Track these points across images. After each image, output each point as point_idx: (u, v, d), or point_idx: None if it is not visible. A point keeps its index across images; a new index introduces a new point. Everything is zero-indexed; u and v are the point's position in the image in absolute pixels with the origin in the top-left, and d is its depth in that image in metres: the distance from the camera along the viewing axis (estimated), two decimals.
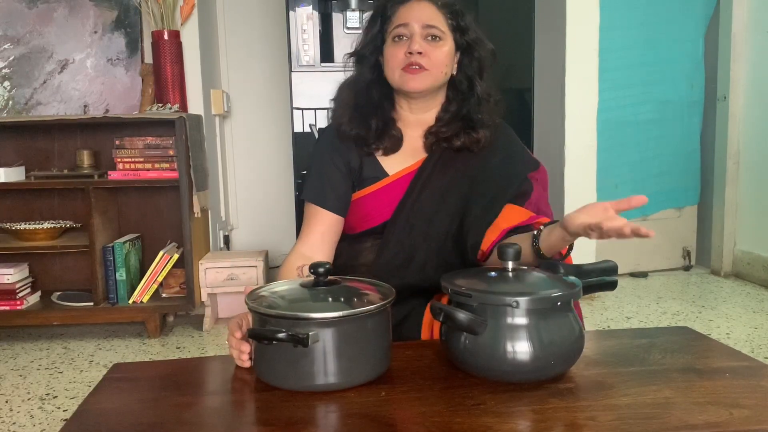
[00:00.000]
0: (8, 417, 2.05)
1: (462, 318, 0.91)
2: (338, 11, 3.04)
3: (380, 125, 1.35)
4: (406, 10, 1.32)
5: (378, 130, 1.35)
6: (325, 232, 1.35)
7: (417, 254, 1.31)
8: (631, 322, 2.87)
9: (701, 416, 0.83)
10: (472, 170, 1.35)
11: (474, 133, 1.34)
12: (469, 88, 1.37)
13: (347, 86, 1.40)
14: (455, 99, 1.38)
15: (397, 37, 1.31)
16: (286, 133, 3.39)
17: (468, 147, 1.35)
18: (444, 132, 1.35)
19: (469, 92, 1.37)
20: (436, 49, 1.30)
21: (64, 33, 2.99)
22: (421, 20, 1.30)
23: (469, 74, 1.36)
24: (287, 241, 3.64)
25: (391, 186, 1.35)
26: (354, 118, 1.36)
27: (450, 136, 1.35)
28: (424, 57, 1.29)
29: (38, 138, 2.96)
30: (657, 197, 3.67)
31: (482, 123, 1.35)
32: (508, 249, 0.99)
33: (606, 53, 3.24)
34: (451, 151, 1.36)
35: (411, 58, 1.29)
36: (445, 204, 1.32)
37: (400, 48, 1.30)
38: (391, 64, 1.32)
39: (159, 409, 0.89)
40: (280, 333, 0.88)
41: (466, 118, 1.36)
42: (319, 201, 1.35)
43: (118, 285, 2.78)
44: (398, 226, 1.33)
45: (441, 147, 1.36)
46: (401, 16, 1.32)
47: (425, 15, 1.31)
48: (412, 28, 1.30)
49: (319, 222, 1.35)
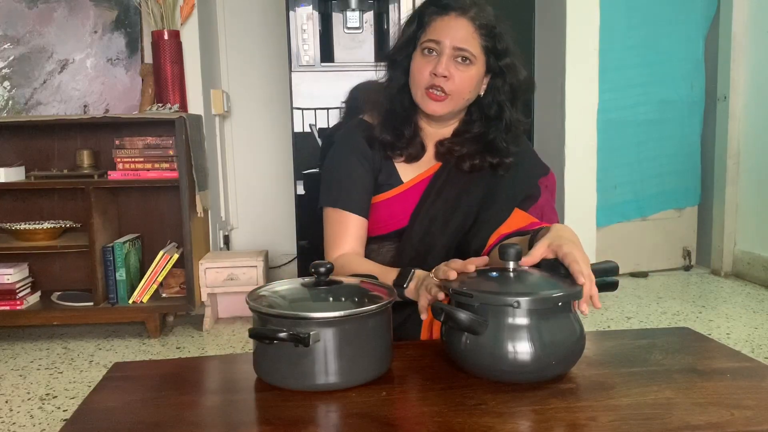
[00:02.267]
0: (8, 417, 2.05)
1: (463, 318, 0.91)
2: (338, 11, 3.04)
3: (410, 133, 1.34)
4: (441, 25, 1.27)
5: (409, 138, 1.34)
6: (362, 236, 1.33)
7: (429, 258, 1.31)
8: (632, 322, 2.87)
9: (702, 417, 0.83)
10: (485, 178, 1.34)
11: (491, 158, 1.32)
12: (497, 114, 1.33)
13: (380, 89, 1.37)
14: (479, 120, 1.35)
15: (427, 50, 1.28)
16: (286, 133, 3.39)
17: (477, 170, 1.33)
18: (457, 150, 1.33)
19: (496, 118, 1.33)
20: (463, 73, 1.27)
21: (64, 33, 2.99)
22: (454, 40, 1.25)
23: (498, 100, 1.32)
24: (287, 242, 3.64)
25: (405, 194, 1.35)
26: (387, 124, 1.34)
27: (463, 156, 1.33)
28: (449, 81, 1.26)
29: (38, 138, 2.96)
30: (657, 198, 3.67)
31: (507, 153, 1.33)
32: (509, 249, 0.98)
33: (606, 53, 3.24)
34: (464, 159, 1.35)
35: (435, 79, 1.26)
36: (459, 210, 1.32)
37: (427, 64, 1.27)
38: (416, 79, 1.29)
39: (159, 409, 0.89)
40: (282, 332, 0.88)
41: (489, 144, 1.33)
42: (349, 206, 1.32)
43: (118, 285, 2.78)
44: (414, 235, 1.32)
45: (455, 157, 1.35)
46: (436, 29, 1.27)
47: (459, 35, 1.26)
48: (443, 46, 1.26)
49: (351, 226, 1.32)
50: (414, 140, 1.34)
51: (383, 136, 1.33)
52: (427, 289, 1.07)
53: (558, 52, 3.19)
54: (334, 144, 1.41)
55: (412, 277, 1.15)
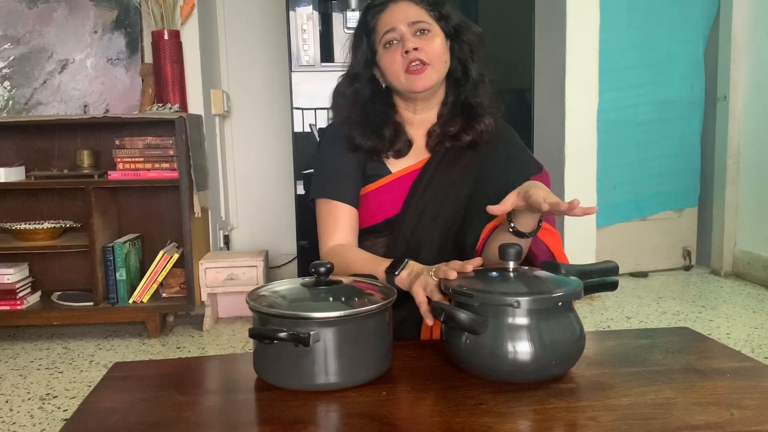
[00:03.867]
0: (8, 417, 2.05)
1: (463, 318, 0.91)
2: (338, 11, 3.04)
3: (392, 133, 1.35)
4: (388, 15, 1.33)
5: (391, 138, 1.35)
6: (354, 226, 1.35)
7: (422, 252, 1.31)
8: (632, 322, 2.87)
9: (702, 417, 0.83)
10: (475, 169, 1.35)
11: (477, 124, 1.35)
12: (463, 74, 1.37)
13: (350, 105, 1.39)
14: (452, 89, 1.39)
15: (388, 44, 1.32)
16: (286, 133, 3.38)
17: (476, 141, 1.35)
18: (451, 130, 1.35)
19: (464, 78, 1.37)
20: (430, 41, 1.31)
21: (64, 33, 2.99)
22: (405, 19, 1.31)
23: (461, 59, 1.36)
24: (287, 241, 3.64)
25: (394, 183, 1.36)
26: (366, 131, 1.35)
27: (457, 132, 1.35)
28: (421, 52, 1.29)
29: (38, 138, 2.96)
30: (656, 199, 3.67)
31: (482, 108, 1.36)
32: (509, 249, 0.99)
33: (606, 54, 3.24)
34: (454, 151, 1.36)
35: (409, 56, 1.29)
36: (448, 203, 1.33)
37: (395, 52, 1.31)
38: (392, 69, 1.32)
39: (159, 409, 0.89)
40: (282, 332, 0.88)
41: (465, 106, 1.36)
42: (339, 196, 1.34)
43: (118, 285, 2.78)
44: (405, 228, 1.33)
45: (444, 146, 1.36)
46: (385, 22, 1.32)
47: (408, 13, 1.31)
48: (399, 30, 1.30)
49: (342, 216, 1.34)
50: (398, 138, 1.36)
51: (366, 143, 1.35)
52: (427, 290, 1.07)
53: (558, 52, 3.19)
54: (323, 139, 1.44)
55: (405, 265, 1.16)
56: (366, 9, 1.38)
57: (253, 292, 0.99)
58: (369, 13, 1.36)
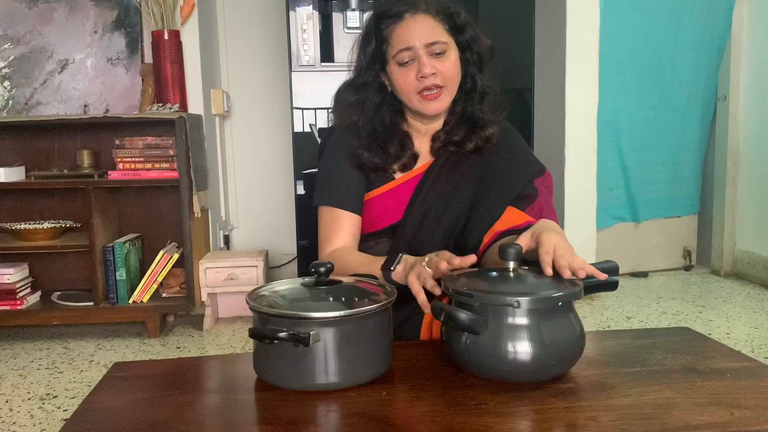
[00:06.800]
0: (8, 417, 2.05)
1: (463, 318, 0.91)
2: (338, 11, 3.04)
3: (398, 149, 1.34)
4: (404, 30, 1.27)
5: (396, 154, 1.34)
6: (355, 234, 1.35)
7: (424, 254, 1.31)
8: (632, 322, 2.87)
9: (702, 417, 0.83)
10: (477, 172, 1.35)
11: (482, 132, 1.34)
12: (471, 86, 1.36)
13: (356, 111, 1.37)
14: (460, 99, 1.37)
15: (402, 62, 1.28)
16: (286, 133, 3.39)
17: (480, 147, 1.34)
18: (455, 138, 1.34)
19: (471, 89, 1.36)
20: (445, 63, 1.28)
21: (64, 33, 2.99)
22: (422, 39, 1.26)
23: (470, 72, 1.35)
24: (287, 241, 3.64)
25: (398, 189, 1.35)
26: (372, 147, 1.34)
27: (461, 140, 1.34)
28: (437, 76, 1.27)
29: (38, 138, 2.96)
30: (654, 204, 3.65)
31: (487, 119, 1.35)
32: (509, 249, 0.99)
33: (605, 55, 3.24)
34: (456, 154, 1.36)
35: (425, 82, 1.27)
36: (451, 206, 1.33)
37: (410, 72, 1.28)
38: (405, 89, 1.30)
39: (159, 408, 0.89)
40: (282, 332, 0.88)
41: (470, 117, 1.35)
42: (343, 204, 1.34)
43: (118, 285, 2.78)
44: (407, 230, 1.33)
45: (448, 151, 1.36)
46: (401, 37, 1.27)
47: (425, 32, 1.26)
48: (416, 50, 1.26)
49: (344, 224, 1.34)
50: (404, 153, 1.35)
51: (372, 160, 1.34)
52: (420, 279, 1.08)
53: (558, 53, 3.19)
54: (327, 145, 1.43)
55: (399, 260, 1.17)
56: (379, 15, 1.32)
57: (253, 292, 0.99)
58: (383, 21, 1.30)
